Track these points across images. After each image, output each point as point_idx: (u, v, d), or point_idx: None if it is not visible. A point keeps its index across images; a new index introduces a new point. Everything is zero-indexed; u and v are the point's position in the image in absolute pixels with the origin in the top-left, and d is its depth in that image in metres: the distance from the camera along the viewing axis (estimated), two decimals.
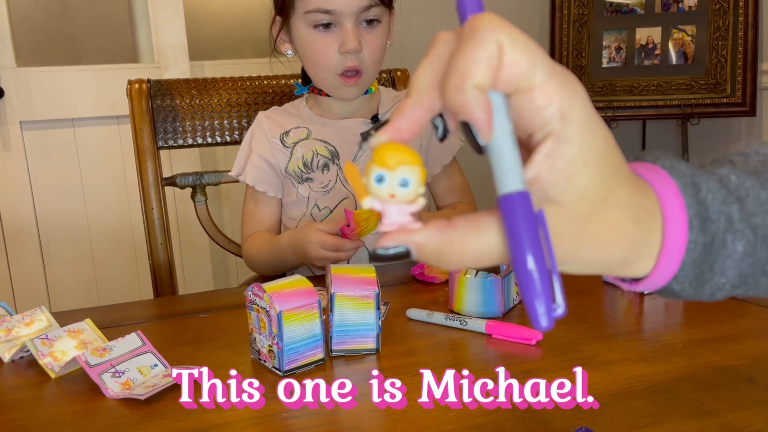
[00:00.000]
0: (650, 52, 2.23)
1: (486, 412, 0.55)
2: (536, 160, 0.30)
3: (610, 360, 0.63)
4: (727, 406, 0.54)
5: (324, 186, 1.03)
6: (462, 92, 0.29)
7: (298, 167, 1.03)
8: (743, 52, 2.12)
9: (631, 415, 0.53)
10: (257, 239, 1.04)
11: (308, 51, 0.98)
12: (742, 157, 0.38)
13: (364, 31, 0.96)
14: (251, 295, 0.64)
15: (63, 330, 0.69)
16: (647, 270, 0.34)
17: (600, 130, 0.31)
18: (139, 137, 1.09)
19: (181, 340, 0.73)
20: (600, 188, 0.30)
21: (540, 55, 0.29)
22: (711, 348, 0.64)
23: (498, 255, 0.31)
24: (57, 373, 0.65)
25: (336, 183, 1.03)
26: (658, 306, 0.77)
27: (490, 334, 0.70)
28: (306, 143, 1.04)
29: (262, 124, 1.06)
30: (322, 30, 0.95)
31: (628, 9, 2.25)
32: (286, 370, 0.62)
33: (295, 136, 1.04)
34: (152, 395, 0.59)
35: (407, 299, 0.82)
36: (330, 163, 1.03)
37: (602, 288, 0.83)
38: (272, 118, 1.06)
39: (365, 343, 0.66)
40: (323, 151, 1.03)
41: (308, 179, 1.03)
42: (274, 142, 1.04)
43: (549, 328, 0.30)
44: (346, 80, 0.97)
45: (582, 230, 0.31)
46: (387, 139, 0.31)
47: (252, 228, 1.06)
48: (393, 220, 0.31)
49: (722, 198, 0.34)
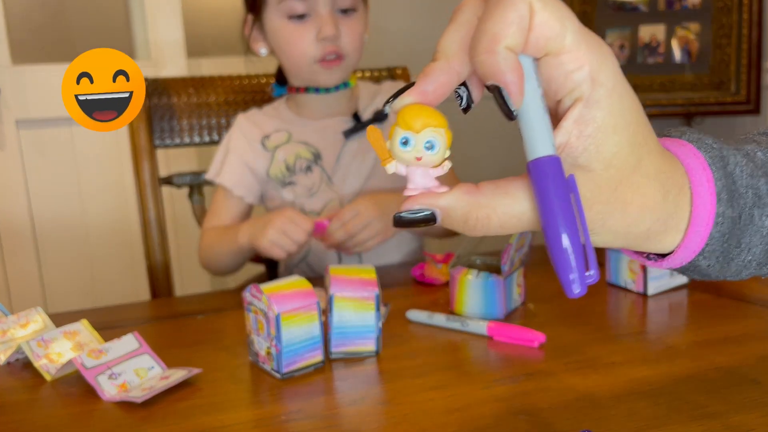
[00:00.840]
0: (654, 50, 2.22)
1: (487, 414, 0.54)
2: (565, 126, 0.30)
3: (613, 362, 0.62)
4: (732, 408, 0.53)
5: (308, 189, 1.02)
6: (494, 54, 0.28)
7: (280, 172, 1.02)
8: (747, 50, 2.11)
9: (634, 417, 0.52)
10: (215, 229, 1.01)
11: (284, 43, 0.96)
12: (766, 136, 0.38)
13: (341, 18, 0.95)
14: (249, 296, 0.63)
15: (59, 331, 0.68)
16: (674, 244, 0.34)
17: (629, 95, 0.30)
18: (136, 136, 1.08)
19: (179, 342, 0.73)
20: (629, 155, 0.30)
21: (570, 18, 0.29)
22: (715, 349, 0.64)
23: (526, 222, 0.31)
24: (53, 376, 0.64)
25: (321, 185, 1.01)
26: (661, 307, 0.76)
27: (492, 336, 0.69)
28: (287, 147, 1.02)
29: (242, 127, 1.04)
30: (297, 20, 0.94)
31: (632, 7, 2.24)
32: (285, 373, 0.62)
33: (275, 140, 1.02)
34: (149, 398, 0.58)
35: (407, 301, 0.81)
36: (312, 164, 1.01)
37: (606, 289, 0.82)
38: (252, 121, 1.05)
39: (365, 345, 0.66)
40: (305, 153, 1.01)
41: (291, 183, 1.02)
42: (255, 146, 1.02)
43: (582, 294, 0.31)
44: (326, 65, 0.96)
45: (611, 197, 0.30)
46: (412, 101, 0.31)
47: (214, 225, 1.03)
48: (418, 184, 0.31)
49: (750, 172, 0.34)
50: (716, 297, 0.78)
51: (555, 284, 0.91)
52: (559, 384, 0.58)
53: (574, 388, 0.57)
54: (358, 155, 1.02)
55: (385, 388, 0.60)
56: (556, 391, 0.57)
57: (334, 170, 1.01)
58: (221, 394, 0.60)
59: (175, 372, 0.62)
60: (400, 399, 0.57)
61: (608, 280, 0.83)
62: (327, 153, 1.02)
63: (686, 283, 0.82)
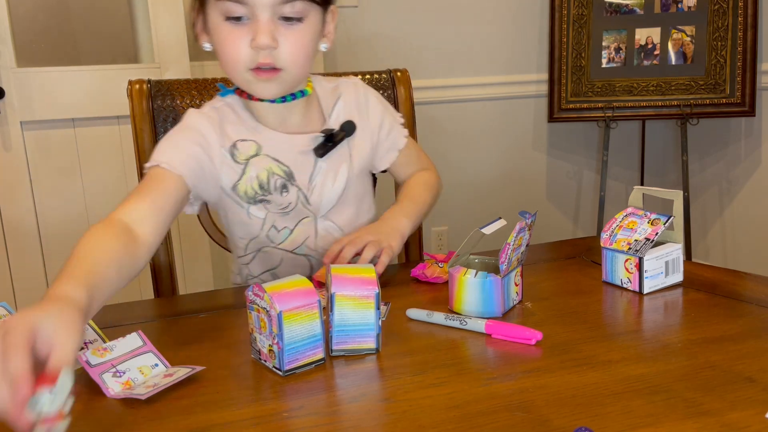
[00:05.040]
0: (650, 53, 2.23)
1: (485, 411, 0.55)
2: None
3: (609, 360, 0.63)
4: (727, 406, 0.54)
5: (283, 208, 0.94)
6: None
7: (251, 188, 0.92)
8: (742, 52, 2.12)
9: (630, 415, 0.53)
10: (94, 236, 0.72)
11: (218, 44, 0.87)
12: None
13: (283, 27, 0.84)
14: (251, 295, 0.64)
15: None
16: None
17: None
18: (140, 137, 1.09)
19: (182, 340, 0.73)
20: None
21: None
22: (710, 348, 0.65)
23: None
24: None
25: (297, 205, 0.95)
26: (657, 306, 0.77)
27: (490, 334, 0.70)
28: (259, 161, 0.92)
29: (203, 127, 0.91)
30: (234, 22, 0.84)
31: (628, 9, 2.25)
32: (287, 370, 0.62)
33: (244, 151, 0.92)
34: (152, 395, 0.59)
35: (407, 299, 0.82)
36: (288, 184, 0.94)
37: (602, 288, 0.83)
38: (215, 121, 0.92)
39: (365, 343, 0.67)
40: (278, 170, 0.93)
41: (264, 201, 0.93)
42: (221, 154, 0.91)
43: None
44: (258, 74, 0.85)
45: None
46: None
47: (130, 205, 0.80)
48: None
49: None
50: (711, 296, 0.78)
51: (552, 283, 0.92)
52: (556, 381, 0.59)
53: (570, 385, 0.58)
54: (330, 173, 0.96)
55: (385, 385, 0.61)
56: (553, 389, 0.58)
57: (309, 190, 0.95)
58: (224, 391, 0.60)
59: (179, 370, 0.63)
60: (400, 396, 0.58)
61: (604, 278, 0.84)
62: (299, 172, 0.94)
63: (681, 282, 0.83)
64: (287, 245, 0.96)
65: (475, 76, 2.38)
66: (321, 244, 0.97)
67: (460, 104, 2.39)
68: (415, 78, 1.38)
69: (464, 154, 2.43)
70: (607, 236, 0.83)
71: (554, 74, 2.30)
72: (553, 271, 0.91)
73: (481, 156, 2.46)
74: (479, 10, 2.34)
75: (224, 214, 0.98)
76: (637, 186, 0.88)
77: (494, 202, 2.49)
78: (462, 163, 2.44)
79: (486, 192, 2.48)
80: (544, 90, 2.40)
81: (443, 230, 2.46)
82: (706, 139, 2.45)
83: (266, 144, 0.93)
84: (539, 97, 2.45)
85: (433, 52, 2.32)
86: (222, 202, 0.95)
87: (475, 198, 2.47)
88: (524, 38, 2.40)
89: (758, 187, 2.34)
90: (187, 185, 0.87)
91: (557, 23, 2.28)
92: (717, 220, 2.49)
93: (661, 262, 0.80)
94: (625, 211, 0.85)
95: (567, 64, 2.29)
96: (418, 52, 2.30)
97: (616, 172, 2.58)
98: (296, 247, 0.97)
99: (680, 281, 0.83)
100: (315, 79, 1.00)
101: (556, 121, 2.33)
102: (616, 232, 0.83)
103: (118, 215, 0.78)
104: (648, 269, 0.79)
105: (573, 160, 2.56)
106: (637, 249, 0.80)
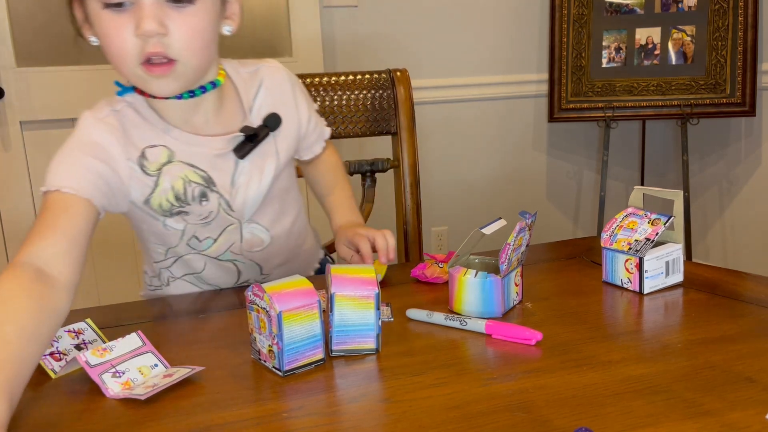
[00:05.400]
0: (650, 52, 2.23)
1: (486, 412, 0.55)
2: None
3: (609, 360, 0.63)
4: (727, 406, 0.54)
5: (204, 218, 0.85)
6: None
7: (167, 201, 0.83)
8: (743, 52, 2.12)
9: (630, 415, 0.53)
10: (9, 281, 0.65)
11: (102, 38, 0.77)
12: None
13: (171, 11, 0.74)
14: (251, 295, 0.64)
15: (63, 330, 0.69)
16: None
17: None
18: None
19: (182, 340, 0.73)
20: None
21: None
22: (710, 348, 0.65)
23: None
24: (57, 374, 0.65)
25: (218, 213, 0.86)
26: (657, 306, 0.77)
27: (490, 335, 0.70)
28: (172, 169, 0.82)
29: (103, 139, 0.80)
30: (115, 9, 0.73)
31: (628, 9, 2.25)
32: (286, 370, 0.62)
33: (155, 160, 0.81)
34: (152, 395, 0.59)
35: (407, 299, 0.82)
36: (207, 191, 0.84)
37: (602, 288, 0.83)
38: (116, 129, 0.81)
39: (365, 343, 0.67)
40: (195, 177, 0.83)
41: (181, 213, 0.84)
42: (128, 167, 0.80)
43: None
44: (150, 69, 0.75)
45: None
46: None
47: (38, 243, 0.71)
48: None
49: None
50: (711, 296, 0.78)
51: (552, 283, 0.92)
52: (557, 381, 0.59)
53: (570, 385, 0.58)
54: (255, 172, 0.86)
55: (385, 385, 0.61)
56: (554, 389, 0.58)
57: (232, 195, 0.85)
58: (223, 391, 0.60)
59: (178, 370, 0.63)
60: (400, 396, 0.58)
61: (604, 279, 0.84)
62: (219, 176, 0.84)
63: (681, 282, 0.83)
64: (211, 252, 0.89)
65: (475, 76, 2.38)
66: (246, 248, 0.91)
67: (460, 104, 2.39)
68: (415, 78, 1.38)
69: (464, 154, 2.43)
70: (607, 236, 0.83)
71: (554, 74, 2.30)
72: (553, 271, 0.91)
73: (481, 156, 2.46)
74: (479, 10, 2.34)
75: (137, 223, 0.88)
76: (637, 186, 0.88)
77: (494, 202, 2.49)
78: (462, 163, 2.44)
79: (486, 192, 2.48)
80: (544, 90, 2.40)
81: (443, 230, 2.46)
82: (707, 139, 2.45)
83: (179, 148, 0.82)
84: (539, 97, 2.45)
85: (433, 52, 2.32)
86: (133, 214, 0.86)
87: (475, 198, 2.47)
88: (524, 38, 2.40)
89: (758, 187, 2.34)
90: (96, 208, 0.77)
91: (557, 23, 2.28)
92: (717, 220, 2.49)
93: (661, 262, 0.80)
94: (625, 211, 0.85)
95: (567, 64, 2.29)
96: (418, 52, 2.30)
97: (616, 172, 2.58)
98: (221, 254, 0.90)
99: (680, 281, 0.83)
100: (229, 66, 0.88)
101: (556, 121, 2.33)
102: (617, 232, 0.83)
103: (26, 257, 0.68)
104: (648, 269, 0.79)
105: (573, 160, 2.56)
106: (638, 249, 0.80)
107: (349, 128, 1.21)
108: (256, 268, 0.93)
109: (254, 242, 0.90)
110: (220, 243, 0.89)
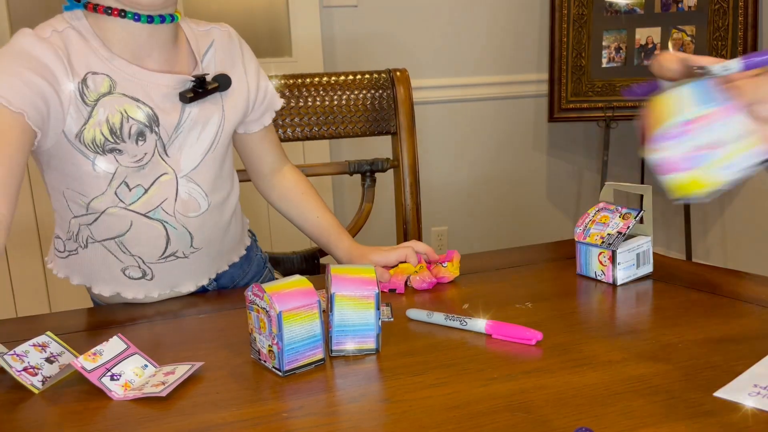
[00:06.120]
0: (650, 52, 2.23)
1: (486, 412, 0.55)
2: None
3: (610, 360, 0.63)
4: (728, 407, 0.54)
5: (137, 160, 0.79)
6: None
7: (100, 134, 0.76)
8: (743, 52, 2.12)
9: (631, 415, 0.53)
10: None
11: None
12: None
13: None
14: (251, 295, 0.64)
15: (29, 344, 0.65)
16: None
17: None
18: None
19: (181, 340, 0.73)
20: None
21: None
22: (711, 348, 0.64)
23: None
24: (41, 389, 0.62)
25: (153, 156, 0.80)
26: (658, 306, 0.77)
27: (490, 334, 0.70)
28: (111, 101, 0.76)
29: (46, 57, 0.73)
30: None
31: (628, 9, 2.25)
32: (286, 371, 0.62)
33: (95, 88, 0.76)
34: (153, 395, 0.59)
35: (407, 299, 0.82)
36: (147, 131, 0.78)
37: (602, 288, 0.83)
38: (60, 49, 0.74)
39: (365, 344, 0.66)
40: (136, 113, 0.78)
41: (115, 150, 0.78)
42: (72, 91, 0.75)
43: None
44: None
45: None
46: None
47: None
48: None
49: None
50: (712, 296, 0.78)
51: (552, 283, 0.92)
52: (557, 381, 0.59)
53: (571, 385, 0.58)
54: (197, 124, 0.83)
55: (385, 385, 0.61)
56: (554, 389, 0.58)
57: (171, 139, 0.81)
58: (223, 391, 0.60)
59: (177, 366, 0.63)
60: (400, 396, 0.58)
61: (578, 271, 0.87)
62: (165, 117, 0.80)
63: (651, 273, 0.86)
64: (139, 207, 0.81)
65: (475, 76, 2.38)
66: (182, 210, 0.83)
67: (460, 104, 2.39)
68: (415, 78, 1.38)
69: (464, 154, 2.43)
70: (580, 231, 0.86)
71: (554, 74, 2.30)
72: (553, 271, 0.91)
73: (481, 156, 2.46)
74: (479, 10, 2.35)
75: (59, 165, 0.79)
76: (608, 182, 0.90)
77: (494, 202, 2.50)
78: (462, 163, 2.44)
79: (486, 192, 2.48)
80: (545, 90, 2.40)
81: (443, 230, 2.46)
82: None
83: (122, 80, 0.77)
84: (539, 97, 2.45)
85: (433, 52, 2.32)
86: (59, 151, 0.77)
87: (475, 198, 2.47)
88: (524, 38, 2.40)
89: (758, 187, 2.34)
90: (32, 127, 0.70)
91: (557, 23, 2.29)
92: (717, 220, 2.49)
93: (632, 254, 0.84)
94: (597, 207, 0.88)
95: (567, 63, 2.29)
96: (418, 51, 2.30)
97: (617, 172, 2.58)
98: (150, 209, 0.82)
99: (650, 272, 0.86)
100: (183, 20, 0.85)
101: (556, 121, 2.33)
102: (590, 226, 0.85)
103: None
104: (620, 261, 0.82)
105: (573, 160, 2.56)
106: (610, 242, 0.82)
107: (349, 128, 1.21)
108: (188, 238, 0.85)
109: (191, 205, 0.84)
110: (152, 195, 0.81)
